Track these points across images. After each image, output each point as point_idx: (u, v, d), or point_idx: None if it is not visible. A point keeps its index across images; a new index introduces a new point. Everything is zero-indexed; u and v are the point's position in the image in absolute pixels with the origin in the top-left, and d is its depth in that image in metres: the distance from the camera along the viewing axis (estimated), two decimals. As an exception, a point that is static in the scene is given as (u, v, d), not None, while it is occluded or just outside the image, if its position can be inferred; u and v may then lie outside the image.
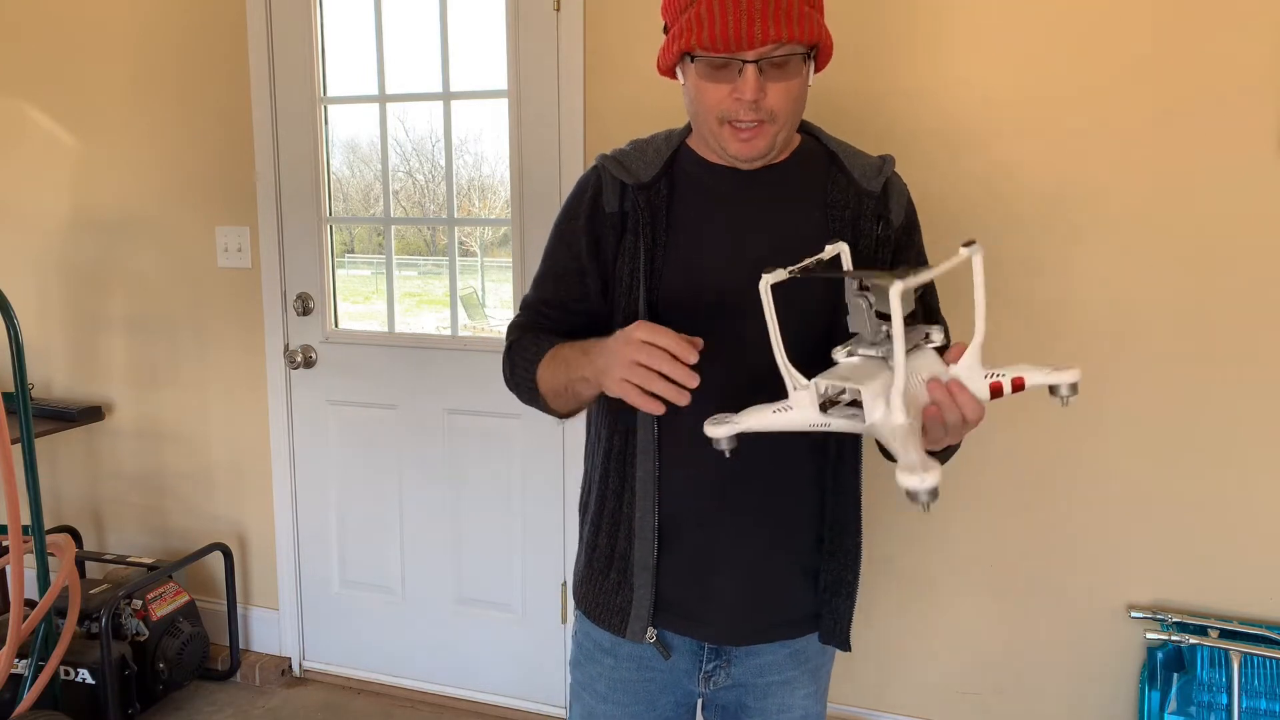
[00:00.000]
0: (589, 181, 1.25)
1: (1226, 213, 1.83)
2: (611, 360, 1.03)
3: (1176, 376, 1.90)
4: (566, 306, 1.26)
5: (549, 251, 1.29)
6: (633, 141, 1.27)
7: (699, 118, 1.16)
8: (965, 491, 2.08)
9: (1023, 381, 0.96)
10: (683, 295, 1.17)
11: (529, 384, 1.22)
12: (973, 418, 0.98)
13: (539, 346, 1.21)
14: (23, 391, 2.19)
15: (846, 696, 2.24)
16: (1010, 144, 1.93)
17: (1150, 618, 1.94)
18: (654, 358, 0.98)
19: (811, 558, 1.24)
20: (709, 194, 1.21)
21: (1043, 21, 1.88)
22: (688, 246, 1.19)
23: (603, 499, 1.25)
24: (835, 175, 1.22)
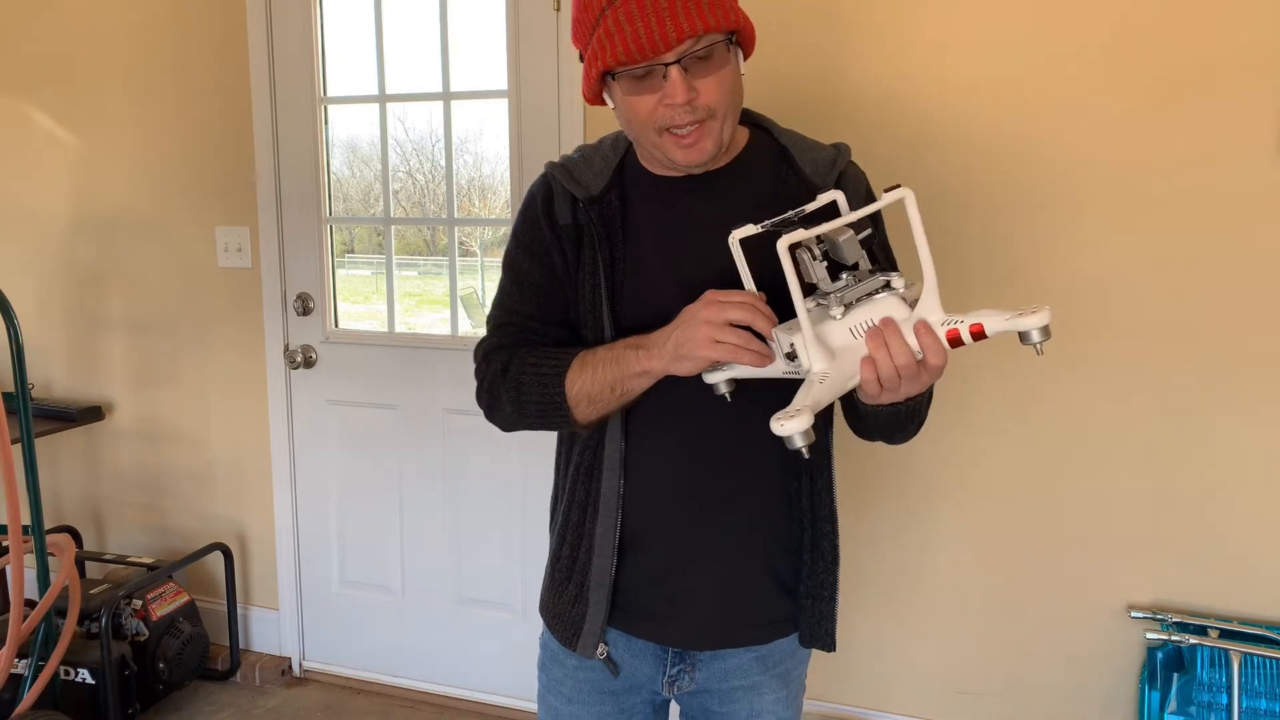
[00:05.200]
0: (539, 192, 1.21)
1: (1226, 210, 1.83)
2: (691, 332, 1.01)
3: (1176, 375, 1.90)
4: (554, 320, 1.21)
5: (516, 265, 1.22)
6: (580, 148, 1.23)
7: (637, 134, 1.12)
8: (965, 491, 2.08)
9: (982, 328, 0.92)
10: (646, 311, 1.13)
11: (550, 399, 1.14)
12: (934, 361, 0.94)
13: (557, 358, 1.15)
14: (23, 391, 2.19)
15: (846, 696, 2.24)
16: (991, 130, 1.93)
17: (1150, 618, 1.94)
18: (745, 311, 0.99)
19: (784, 561, 1.22)
20: (661, 204, 1.17)
21: (1029, 7, 1.88)
22: (646, 260, 1.16)
23: (568, 512, 1.23)
24: (786, 174, 1.18)
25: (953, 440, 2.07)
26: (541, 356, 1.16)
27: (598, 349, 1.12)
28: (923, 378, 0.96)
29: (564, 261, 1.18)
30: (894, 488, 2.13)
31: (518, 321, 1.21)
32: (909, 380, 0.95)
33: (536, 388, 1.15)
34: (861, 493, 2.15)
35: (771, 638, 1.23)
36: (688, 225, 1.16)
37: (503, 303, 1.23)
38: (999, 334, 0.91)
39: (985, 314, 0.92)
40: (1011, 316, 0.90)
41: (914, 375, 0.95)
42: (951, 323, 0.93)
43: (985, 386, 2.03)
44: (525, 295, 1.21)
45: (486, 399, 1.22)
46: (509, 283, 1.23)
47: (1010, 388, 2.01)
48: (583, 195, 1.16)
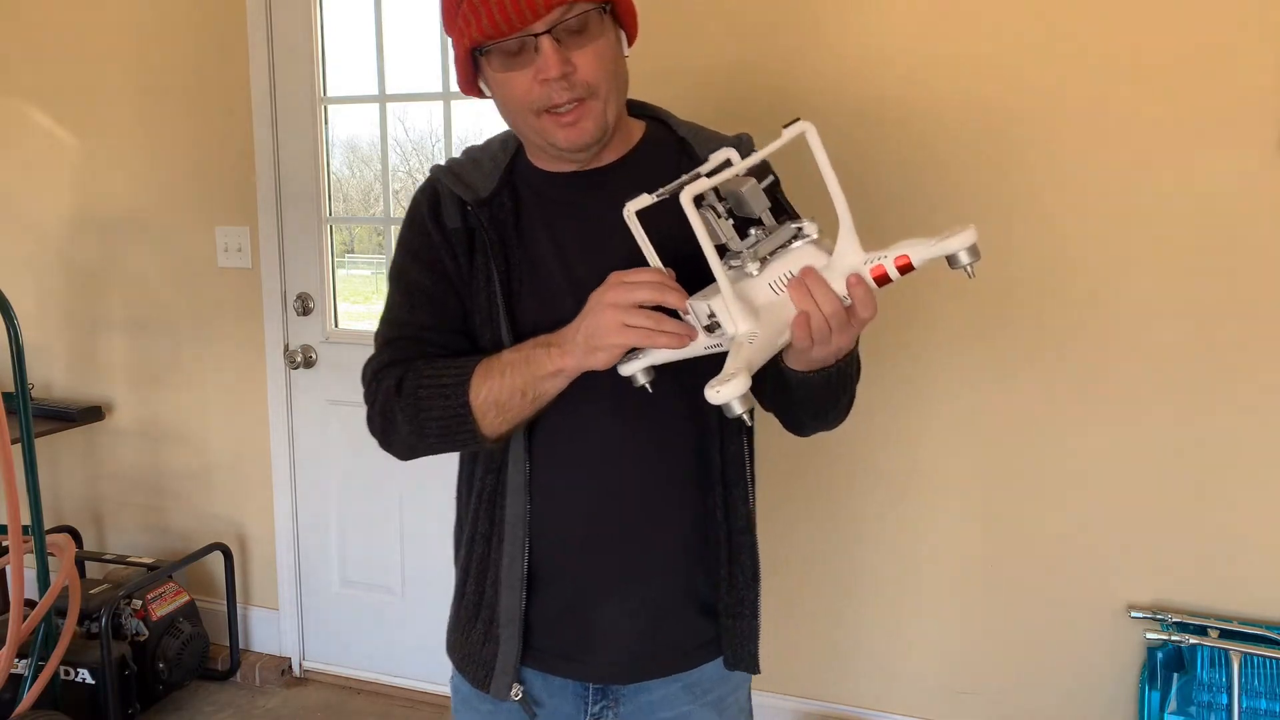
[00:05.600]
0: (424, 197, 1.14)
1: (1226, 209, 1.83)
2: (599, 319, 0.95)
3: (1176, 375, 1.90)
4: (451, 329, 1.12)
5: (404, 275, 1.13)
6: (467, 150, 1.17)
7: (517, 120, 1.05)
8: (964, 491, 2.08)
9: (908, 260, 0.86)
10: (546, 316, 1.06)
11: (453, 412, 1.04)
12: (864, 313, 0.90)
13: (458, 366, 1.06)
14: (23, 391, 2.19)
15: (846, 696, 2.24)
16: (981, 128, 1.93)
17: (1150, 618, 1.94)
18: (653, 289, 0.92)
19: (703, 580, 1.16)
20: (555, 204, 1.11)
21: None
22: (543, 263, 1.10)
23: (471, 543, 1.15)
24: (686, 166, 1.08)
25: (952, 440, 2.07)
26: (440, 368, 1.07)
27: (502, 353, 1.04)
28: (853, 325, 0.91)
29: (456, 267, 1.11)
30: (893, 488, 2.13)
31: (410, 334, 1.12)
32: (839, 330, 0.90)
33: (437, 401, 1.05)
34: (860, 493, 2.15)
35: (696, 663, 1.17)
36: (584, 224, 1.10)
37: (392, 317, 1.14)
38: (927, 262, 0.86)
39: (908, 244, 0.87)
40: (936, 240, 0.85)
41: (843, 323, 0.90)
42: (874, 260, 0.88)
43: (984, 387, 2.02)
44: (417, 305, 1.12)
45: (379, 423, 1.10)
46: (398, 294, 1.14)
47: (1010, 388, 2.01)
48: (471, 198, 1.10)
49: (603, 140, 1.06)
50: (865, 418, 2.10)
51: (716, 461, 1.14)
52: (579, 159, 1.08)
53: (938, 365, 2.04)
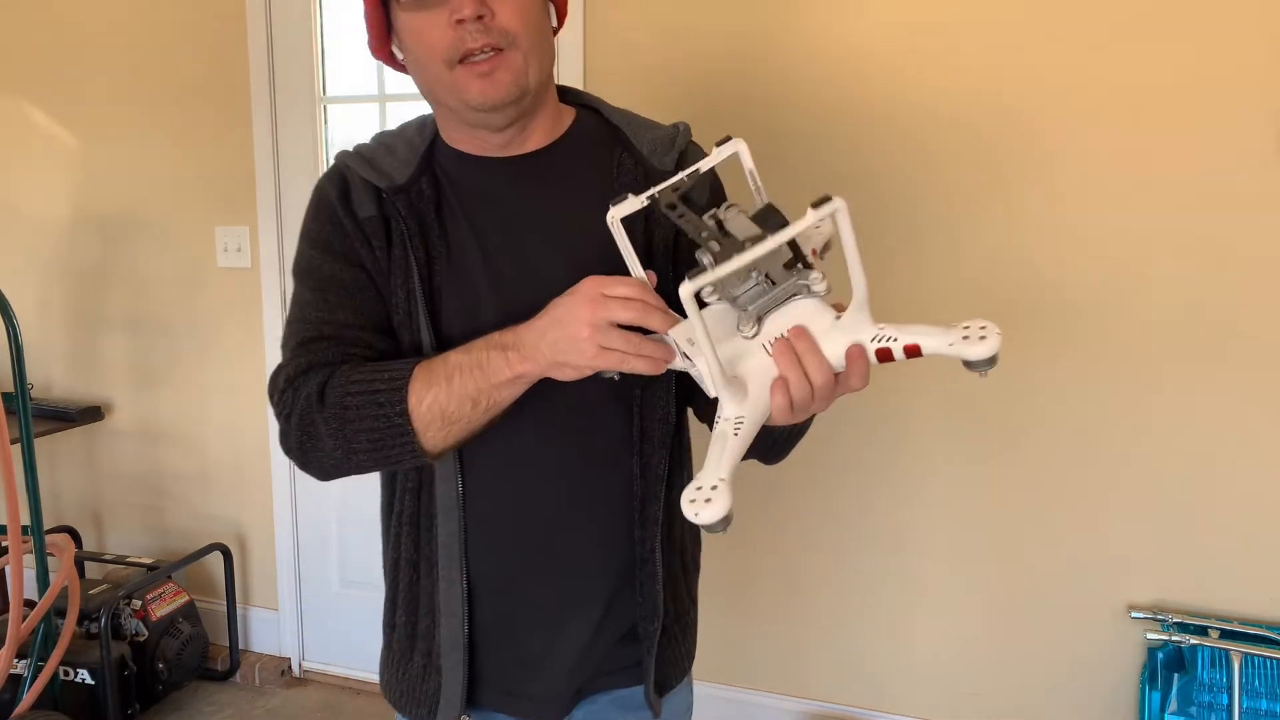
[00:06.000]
0: (330, 185, 1.03)
1: (1226, 209, 1.83)
2: (572, 335, 0.84)
3: (1176, 374, 1.90)
4: (377, 327, 1.00)
5: (316, 271, 1.01)
6: (378, 135, 1.08)
7: (430, 75, 0.97)
8: (964, 492, 2.08)
9: (918, 349, 0.78)
10: (469, 315, 0.99)
11: (389, 424, 0.91)
12: (857, 384, 0.82)
13: (393, 370, 0.93)
14: (22, 391, 2.19)
15: (846, 696, 2.24)
16: (981, 121, 1.93)
17: (1151, 618, 1.94)
18: (634, 311, 0.83)
19: (623, 607, 1.07)
20: (477, 192, 1.02)
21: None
22: (466, 256, 1.01)
23: (396, 570, 1.06)
24: (621, 156, 1.04)
25: (951, 441, 2.07)
26: (370, 372, 0.93)
27: (448, 355, 0.92)
28: (837, 392, 0.83)
29: (373, 259, 1.00)
30: (893, 489, 2.13)
31: (329, 333, 0.98)
32: (822, 400, 0.81)
33: (369, 411, 0.91)
34: (860, 493, 2.15)
35: (625, 684, 1.10)
36: (509, 215, 1.02)
37: (304, 315, 1.00)
38: (937, 355, 0.79)
39: (922, 332, 0.78)
40: (955, 340, 0.76)
41: (828, 395, 0.81)
42: (884, 340, 0.79)
43: (983, 388, 2.02)
44: (334, 301, 0.99)
45: (296, 437, 0.96)
46: (309, 291, 1.01)
47: (1009, 388, 2.01)
48: (387, 185, 1.00)
49: (521, 103, 0.97)
50: (865, 419, 2.10)
51: (637, 482, 1.05)
52: (496, 123, 0.98)
53: (936, 367, 2.04)
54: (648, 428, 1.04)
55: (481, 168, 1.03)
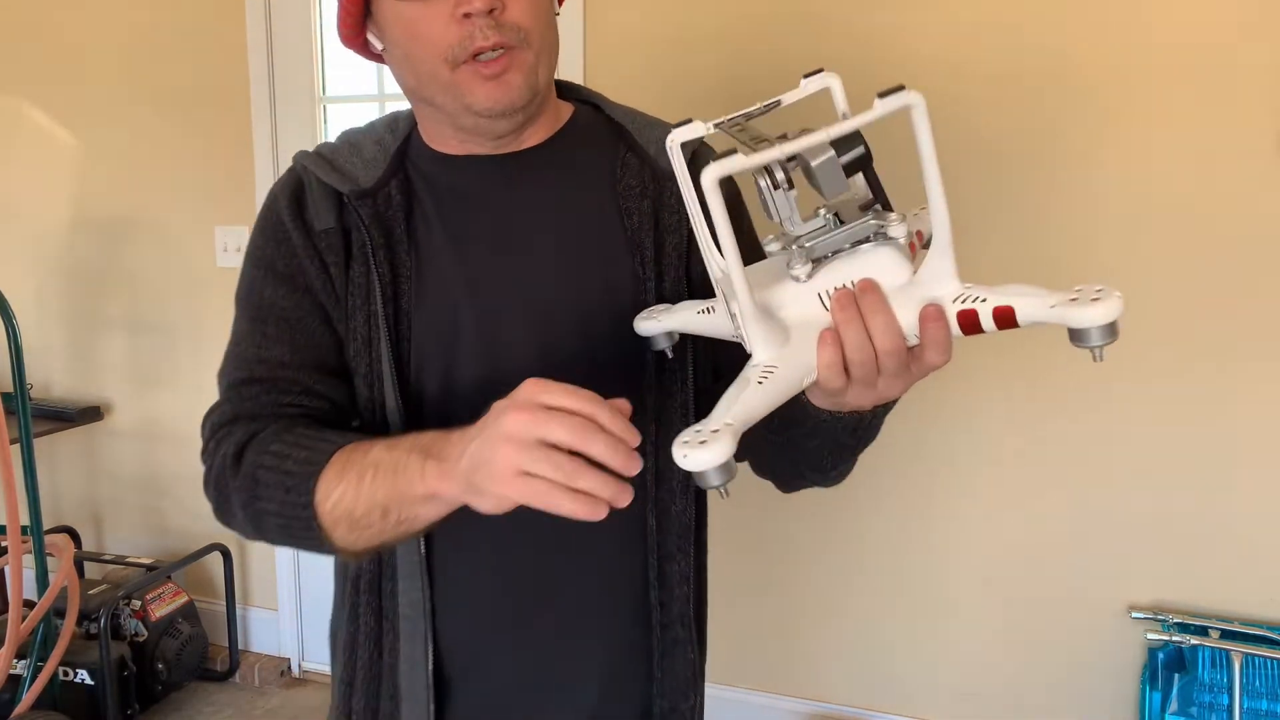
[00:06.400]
0: (283, 191, 0.89)
1: (1226, 209, 1.83)
2: (489, 455, 0.65)
3: (1177, 374, 1.90)
4: (321, 368, 0.86)
5: (254, 295, 0.88)
6: (345, 133, 0.94)
7: (422, 77, 0.83)
8: (964, 492, 2.08)
9: (1012, 313, 0.61)
10: (440, 349, 0.85)
11: (294, 512, 0.77)
12: (935, 358, 0.64)
13: (311, 446, 0.78)
14: (21, 391, 2.19)
15: (846, 697, 2.24)
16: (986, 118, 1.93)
17: (1151, 618, 1.94)
18: (574, 431, 0.63)
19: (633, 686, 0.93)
20: (460, 195, 0.88)
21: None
22: (442, 277, 0.86)
23: (353, 643, 0.90)
24: (625, 155, 0.91)
25: (951, 441, 2.07)
26: (291, 444, 0.79)
27: (375, 443, 0.76)
28: (910, 374, 0.66)
29: (326, 282, 0.86)
30: (892, 489, 2.12)
31: (263, 375, 0.86)
32: (890, 375, 0.65)
33: (276, 493, 0.78)
34: (860, 493, 2.14)
35: None
36: (504, 217, 0.88)
37: (239, 352, 0.89)
38: (1036, 324, 0.61)
39: (1019, 292, 0.61)
40: (1062, 303, 0.60)
41: (899, 369, 0.64)
42: (969, 299, 0.62)
43: (982, 385, 2.02)
44: (272, 336, 0.87)
45: (213, 494, 0.85)
46: (246, 321, 0.89)
47: (1009, 386, 2.01)
48: (349, 189, 0.86)
49: (530, 109, 0.85)
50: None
51: (653, 534, 0.90)
52: (500, 129, 0.85)
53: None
54: (664, 466, 0.88)
55: (467, 167, 0.89)
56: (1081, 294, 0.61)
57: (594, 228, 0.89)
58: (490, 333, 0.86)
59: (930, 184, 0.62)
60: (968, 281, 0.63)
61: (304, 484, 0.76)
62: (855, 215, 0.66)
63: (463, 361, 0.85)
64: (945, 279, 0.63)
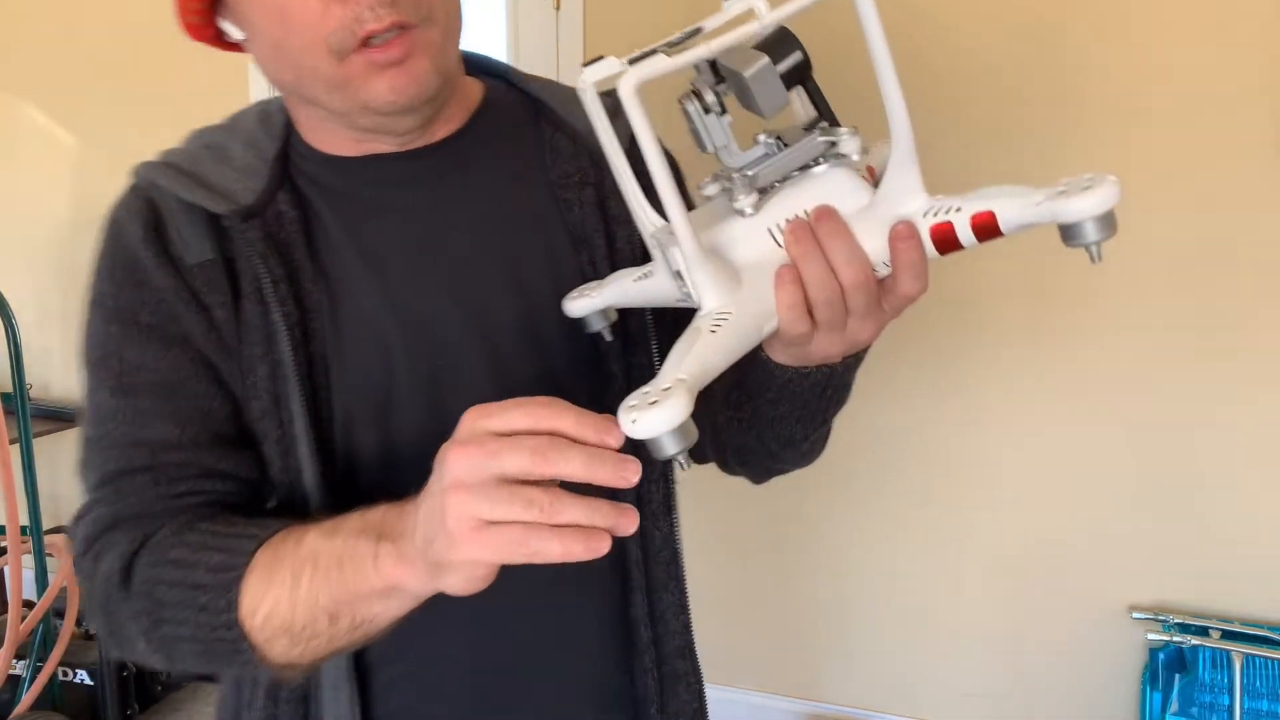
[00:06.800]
0: (130, 219, 0.73)
1: (1226, 209, 1.82)
2: (441, 503, 0.50)
3: (1178, 375, 1.90)
4: (214, 443, 0.67)
5: (116, 357, 0.68)
6: (196, 134, 0.79)
7: (301, 69, 0.65)
8: (964, 492, 2.08)
9: (993, 219, 0.52)
10: (372, 400, 0.69)
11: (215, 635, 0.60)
12: (909, 287, 0.55)
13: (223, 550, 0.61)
14: (21, 391, 2.18)
15: (846, 697, 2.24)
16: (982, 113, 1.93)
17: (1152, 618, 1.94)
18: (535, 453, 0.49)
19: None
20: (369, 207, 0.72)
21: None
22: (363, 307, 0.69)
23: None
24: (552, 137, 0.77)
25: (951, 440, 2.06)
26: (196, 545, 0.62)
27: (308, 530, 0.60)
28: (882, 312, 0.57)
29: (210, 330, 0.67)
30: (892, 488, 2.12)
31: (145, 462, 0.66)
32: (860, 314, 0.56)
33: (187, 614, 0.61)
34: (860, 493, 2.14)
35: None
36: (426, 225, 0.73)
37: (107, 435, 0.67)
38: (1023, 228, 0.52)
39: (997, 193, 0.53)
40: (1048, 199, 0.51)
41: (869, 305, 0.55)
42: (941, 211, 0.54)
43: (982, 382, 2.02)
44: (149, 410, 0.67)
45: (101, 620, 0.66)
46: (110, 395, 0.67)
47: (1009, 385, 2.01)
48: (227, 208, 0.68)
49: (440, 95, 0.68)
50: (865, 419, 2.09)
51: (635, 555, 0.78)
52: (406, 125, 0.69)
53: (932, 368, 2.03)
54: (644, 489, 0.78)
55: (371, 170, 0.72)
56: (1070, 185, 0.53)
57: (532, 227, 0.75)
58: (432, 369, 0.70)
59: (884, 82, 0.53)
60: (936, 193, 0.56)
61: (221, 597, 0.59)
62: (800, 137, 0.58)
63: (401, 409, 0.69)
64: (911, 194, 0.55)
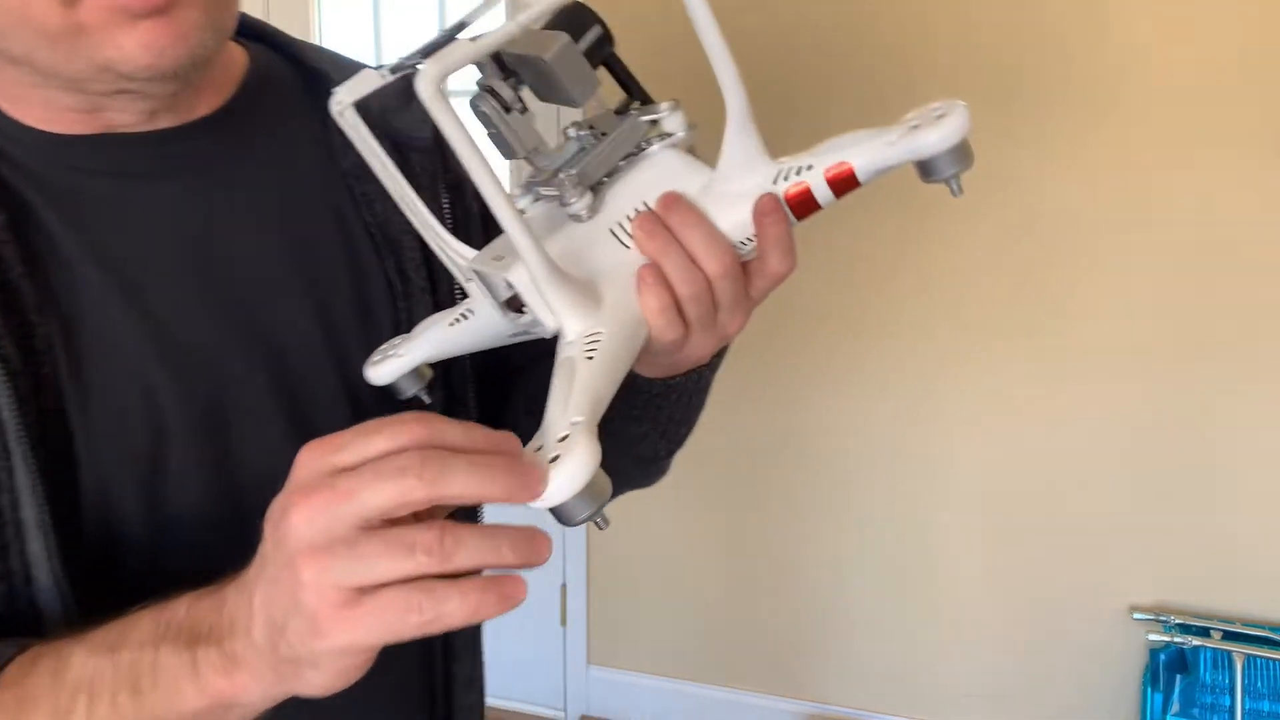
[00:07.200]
0: None
1: (1225, 208, 1.82)
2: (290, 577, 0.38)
3: (1179, 374, 1.89)
4: None
5: None
6: None
7: (9, 15, 0.47)
8: (965, 492, 2.07)
9: (850, 172, 0.47)
10: (139, 460, 0.53)
11: None
12: (778, 265, 0.49)
13: None
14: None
15: (846, 698, 2.23)
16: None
17: (1153, 619, 1.94)
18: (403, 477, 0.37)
19: None
20: (108, 205, 0.55)
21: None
22: (113, 339, 0.53)
23: None
24: (325, 117, 0.56)
25: (951, 440, 2.06)
26: None
27: (67, 650, 0.45)
28: (753, 291, 0.51)
29: None
30: (892, 489, 2.12)
31: None
32: (729, 304, 0.50)
33: None
34: (860, 493, 2.14)
35: None
36: (191, 239, 0.57)
37: None
38: (880, 173, 0.48)
39: (845, 144, 0.48)
40: (900, 137, 0.46)
41: (736, 293, 0.50)
42: (792, 174, 0.49)
43: (980, 382, 2.02)
44: None
45: None
46: None
47: (1009, 385, 2.00)
48: None
49: (202, 59, 0.51)
50: (862, 419, 2.09)
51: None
52: (155, 93, 0.53)
53: (930, 367, 2.03)
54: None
55: (108, 154, 0.55)
56: (921, 117, 0.47)
57: (326, 229, 0.61)
58: (212, 411, 0.55)
59: (704, 33, 0.46)
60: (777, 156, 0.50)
61: None
62: (615, 123, 0.52)
63: (175, 468, 0.54)
64: (754, 161, 0.49)
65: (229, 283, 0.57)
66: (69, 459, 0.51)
